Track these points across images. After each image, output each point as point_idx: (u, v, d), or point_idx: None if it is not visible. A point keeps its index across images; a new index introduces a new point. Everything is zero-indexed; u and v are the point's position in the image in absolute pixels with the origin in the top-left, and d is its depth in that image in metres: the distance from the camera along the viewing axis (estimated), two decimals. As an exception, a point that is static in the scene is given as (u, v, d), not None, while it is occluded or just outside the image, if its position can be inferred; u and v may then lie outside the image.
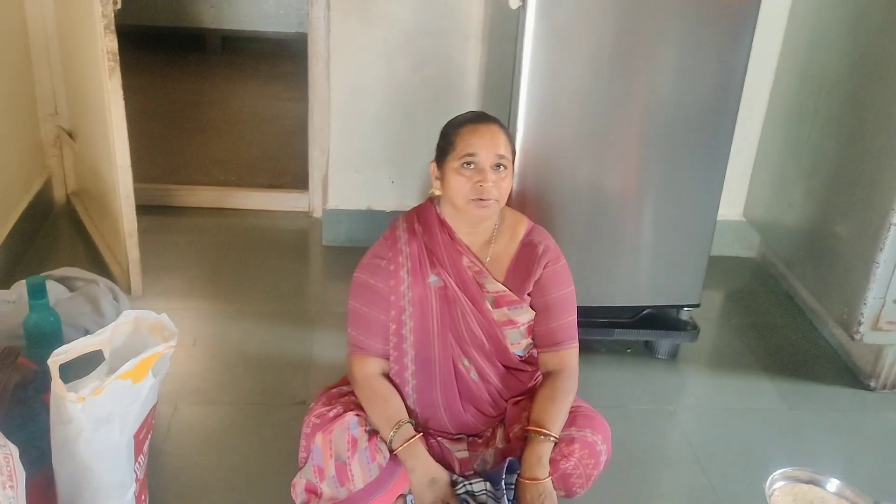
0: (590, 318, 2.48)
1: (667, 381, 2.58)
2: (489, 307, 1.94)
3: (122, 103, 2.49)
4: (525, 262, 1.97)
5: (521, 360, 2.00)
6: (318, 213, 3.39)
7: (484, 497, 1.85)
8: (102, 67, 2.44)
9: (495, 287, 1.94)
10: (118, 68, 2.46)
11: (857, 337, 2.47)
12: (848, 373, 2.67)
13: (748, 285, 3.20)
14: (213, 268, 3.02)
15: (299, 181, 3.56)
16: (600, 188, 2.41)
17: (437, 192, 1.94)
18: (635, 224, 2.47)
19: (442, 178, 1.91)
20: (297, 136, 3.73)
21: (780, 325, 2.93)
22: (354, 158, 3.14)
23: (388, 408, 1.90)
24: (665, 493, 2.14)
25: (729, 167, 2.44)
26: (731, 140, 2.39)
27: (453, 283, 1.93)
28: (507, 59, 2.35)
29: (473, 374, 1.97)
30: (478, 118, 1.91)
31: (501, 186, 1.86)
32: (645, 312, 2.60)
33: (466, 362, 1.96)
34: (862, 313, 2.43)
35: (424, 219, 1.97)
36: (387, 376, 1.98)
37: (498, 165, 1.85)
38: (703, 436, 2.33)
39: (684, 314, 2.64)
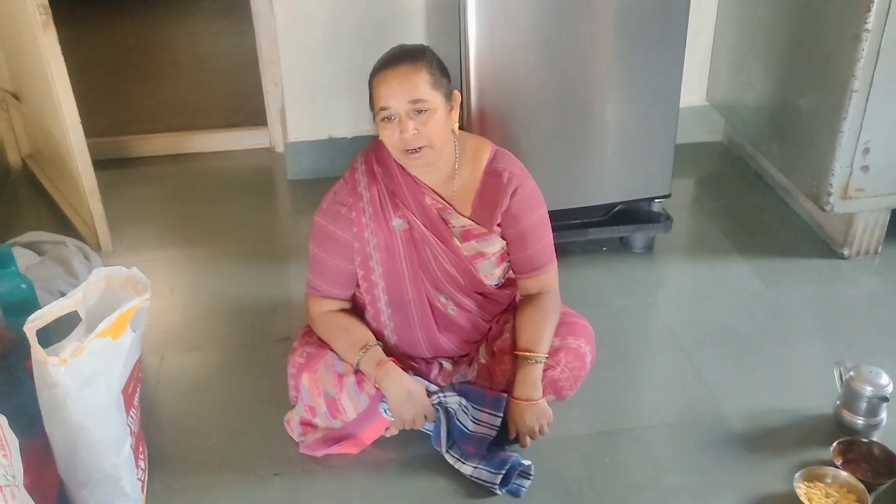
0: (562, 220, 2.48)
1: (645, 275, 2.60)
2: (458, 243, 1.91)
3: (61, 58, 2.41)
4: (491, 192, 1.91)
5: (497, 288, 2.00)
6: (280, 148, 3.34)
7: (456, 406, 1.89)
8: (35, 23, 2.35)
9: (461, 221, 1.91)
10: (51, 21, 2.36)
11: (828, 208, 2.49)
12: (822, 244, 2.71)
13: (717, 169, 3.21)
14: (180, 215, 2.98)
15: (257, 117, 3.50)
16: (559, 90, 2.37)
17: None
18: (599, 121, 2.45)
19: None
20: (249, 72, 3.64)
21: (752, 205, 2.96)
22: (309, 88, 3.07)
23: (348, 335, 1.92)
24: (652, 382, 2.18)
25: (687, 53, 2.40)
26: (686, 25, 2.36)
27: (419, 223, 1.89)
28: (450, -33, 2.29)
29: (452, 309, 1.96)
30: (388, 62, 1.78)
31: (427, 130, 1.75)
32: (617, 209, 2.60)
33: (443, 298, 1.95)
34: (830, 184, 2.45)
35: (383, 160, 1.90)
36: (348, 312, 1.97)
37: (418, 111, 1.75)
38: (684, 323, 2.37)
39: (656, 206, 2.64)
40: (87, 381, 1.60)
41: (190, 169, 3.33)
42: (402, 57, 1.78)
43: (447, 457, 1.85)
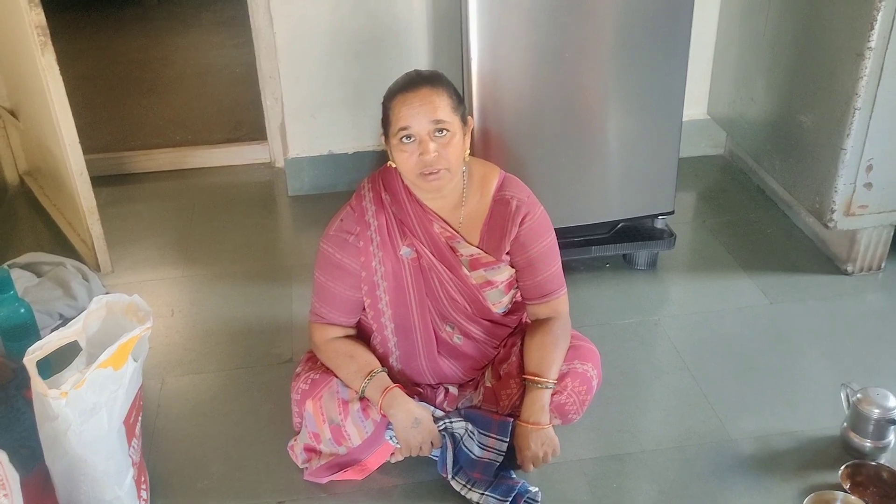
0: (566, 237, 2.45)
1: (649, 292, 2.58)
2: (466, 272, 1.89)
3: (59, 79, 2.39)
4: (499, 220, 1.89)
5: (504, 315, 1.99)
6: (280, 163, 3.32)
7: (462, 432, 1.87)
8: (33, 43, 2.33)
9: (469, 250, 1.90)
10: (50, 42, 2.35)
11: (831, 224, 2.48)
12: (825, 260, 2.69)
13: (719, 183, 3.19)
14: (181, 233, 2.96)
15: (257, 132, 3.48)
16: (562, 108, 2.36)
17: (393, 165, 1.84)
18: (602, 138, 2.43)
19: (390, 152, 1.82)
20: (249, 85, 3.62)
21: (755, 220, 2.94)
22: (309, 103, 3.05)
23: (353, 362, 1.90)
24: (658, 404, 2.16)
25: (689, 66, 2.38)
26: (688, 39, 2.34)
27: (427, 252, 1.87)
28: (451, -15, 2.28)
29: (457, 339, 1.95)
30: (407, 85, 1.77)
31: (447, 152, 1.75)
32: (620, 226, 2.59)
33: (449, 328, 1.94)
34: (834, 201, 2.44)
35: (391, 187, 1.89)
36: (351, 338, 1.96)
37: (439, 131, 1.74)
38: (688, 342, 2.35)
39: (659, 222, 2.63)
40: (89, 413, 1.58)
41: (190, 185, 3.31)
42: (422, 80, 1.78)
43: (453, 483, 1.83)
